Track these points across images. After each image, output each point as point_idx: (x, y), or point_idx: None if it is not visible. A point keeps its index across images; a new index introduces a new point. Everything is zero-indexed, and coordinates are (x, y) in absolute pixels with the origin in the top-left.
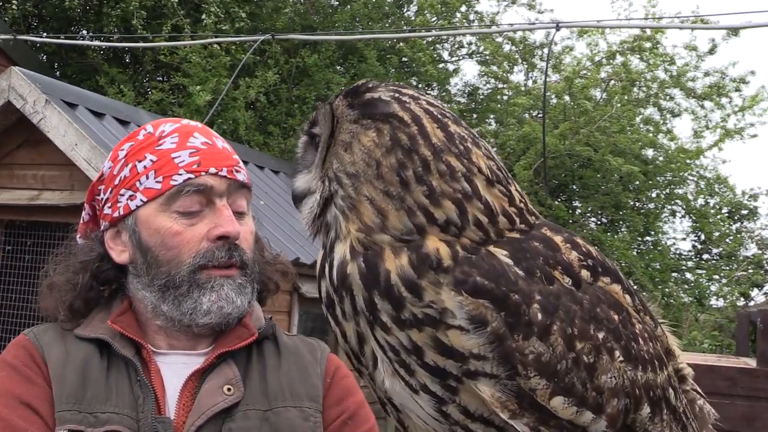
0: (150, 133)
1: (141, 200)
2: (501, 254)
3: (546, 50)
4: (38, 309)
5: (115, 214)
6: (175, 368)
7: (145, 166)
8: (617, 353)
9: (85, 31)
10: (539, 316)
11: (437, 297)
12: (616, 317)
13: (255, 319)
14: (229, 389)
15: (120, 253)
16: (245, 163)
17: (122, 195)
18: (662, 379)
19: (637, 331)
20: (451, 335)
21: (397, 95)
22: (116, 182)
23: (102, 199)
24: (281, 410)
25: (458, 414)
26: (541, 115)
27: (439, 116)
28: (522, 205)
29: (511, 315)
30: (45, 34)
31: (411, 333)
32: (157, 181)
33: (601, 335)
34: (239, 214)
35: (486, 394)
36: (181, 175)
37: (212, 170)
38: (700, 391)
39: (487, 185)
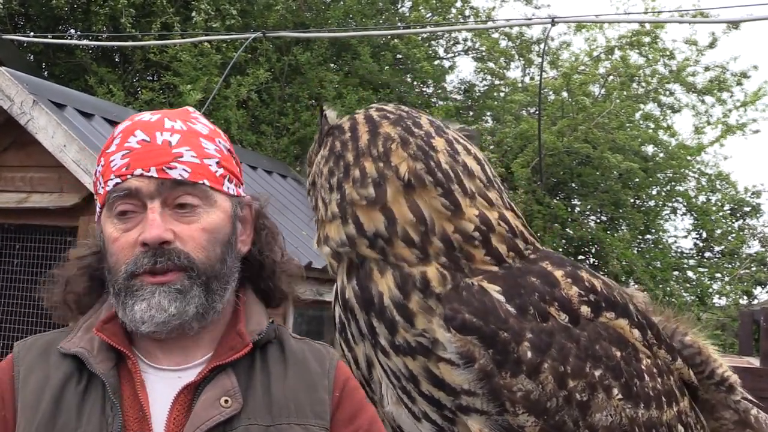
0: (113, 133)
1: (98, 207)
2: (493, 290)
3: (542, 46)
4: (45, 303)
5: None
6: (168, 381)
7: (98, 171)
8: (615, 390)
9: (73, 30)
10: (529, 354)
11: (429, 326)
12: (618, 353)
13: (255, 323)
14: (226, 401)
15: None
16: None
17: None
18: (670, 415)
19: (643, 366)
20: (443, 368)
21: (363, 110)
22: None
23: None
24: (285, 427)
25: None
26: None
27: (377, 118)
28: (480, 232)
29: (499, 353)
30: (32, 33)
31: (406, 360)
32: (103, 187)
33: (597, 372)
34: (187, 210)
35: (474, 429)
36: (112, 180)
37: (137, 172)
38: (753, 399)
39: (406, 191)
